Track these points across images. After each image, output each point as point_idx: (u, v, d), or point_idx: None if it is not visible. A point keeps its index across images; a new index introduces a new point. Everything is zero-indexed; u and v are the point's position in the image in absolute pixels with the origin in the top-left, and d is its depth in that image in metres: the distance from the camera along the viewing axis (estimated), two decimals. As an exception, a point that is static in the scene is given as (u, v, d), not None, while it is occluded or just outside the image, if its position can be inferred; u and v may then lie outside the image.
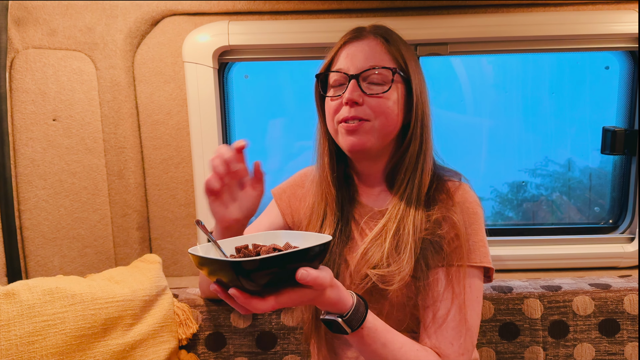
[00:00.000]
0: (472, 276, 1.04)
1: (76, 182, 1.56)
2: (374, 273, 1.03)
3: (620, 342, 1.43)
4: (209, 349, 1.45)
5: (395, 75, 1.05)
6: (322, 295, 0.84)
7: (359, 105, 1.04)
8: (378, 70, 1.04)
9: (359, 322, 0.90)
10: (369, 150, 1.07)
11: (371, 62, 1.05)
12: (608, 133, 1.68)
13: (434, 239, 1.04)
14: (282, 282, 0.78)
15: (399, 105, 1.06)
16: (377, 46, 1.07)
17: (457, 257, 1.03)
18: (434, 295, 1.04)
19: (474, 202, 1.07)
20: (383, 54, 1.06)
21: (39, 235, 1.52)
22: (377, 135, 1.06)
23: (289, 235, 0.94)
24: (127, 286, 1.32)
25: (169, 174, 1.65)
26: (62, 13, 1.51)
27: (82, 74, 1.54)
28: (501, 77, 1.86)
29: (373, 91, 1.04)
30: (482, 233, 1.06)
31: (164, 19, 1.57)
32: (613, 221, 1.78)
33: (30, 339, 1.14)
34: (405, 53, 1.08)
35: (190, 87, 1.56)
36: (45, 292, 1.20)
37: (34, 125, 1.49)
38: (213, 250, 0.89)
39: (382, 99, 1.04)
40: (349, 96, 1.03)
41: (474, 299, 1.03)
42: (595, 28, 1.52)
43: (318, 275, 0.78)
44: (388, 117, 1.05)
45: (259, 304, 0.76)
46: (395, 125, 1.07)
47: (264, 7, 1.54)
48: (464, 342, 1.01)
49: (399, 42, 1.09)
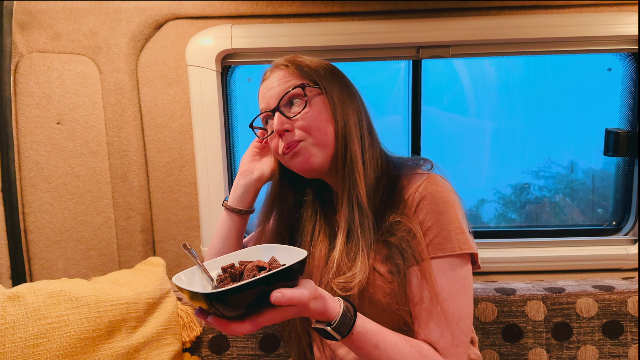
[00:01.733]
0: (453, 266, 1.03)
1: (80, 185, 1.57)
2: (336, 282, 1.05)
3: (624, 344, 1.42)
4: (213, 351, 1.46)
5: (306, 90, 1.08)
6: (307, 308, 0.85)
7: (290, 131, 1.08)
8: (290, 92, 1.08)
9: (347, 328, 0.91)
10: (318, 166, 1.09)
11: (282, 88, 1.09)
12: (611, 135, 1.68)
13: (394, 241, 1.05)
14: (260, 305, 0.79)
15: (323, 115, 1.08)
16: (280, 73, 1.11)
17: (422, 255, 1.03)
18: (413, 292, 1.04)
19: (444, 191, 1.06)
20: (289, 77, 1.10)
21: (43, 238, 1.53)
22: (317, 150, 1.08)
23: (274, 249, 0.95)
24: (131, 289, 1.33)
25: (172, 177, 1.66)
26: (66, 17, 1.52)
27: (86, 78, 1.55)
28: (503, 79, 1.86)
29: (295, 113, 1.08)
30: (457, 220, 1.04)
31: (167, 23, 1.57)
32: (616, 223, 1.78)
33: (35, 342, 1.14)
34: (311, 68, 1.11)
35: (194, 90, 1.57)
36: (50, 295, 1.21)
37: (38, 129, 1.50)
38: (199, 273, 0.91)
39: (305, 117, 1.07)
40: (277, 128, 1.08)
41: (459, 288, 1.02)
42: (597, 30, 1.52)
43: (293, 296, 0.79)
44: (319, 130, 1.07)
45: (239, 328, 0.78)
46: (328, 135, 1.08)
47: (267, 11, 1.54)
48: (455, 332, 1.01)
49: (303, 62, 1.12)
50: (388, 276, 1.05)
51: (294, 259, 0.83)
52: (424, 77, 1.65)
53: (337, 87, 1.11)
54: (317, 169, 1.09)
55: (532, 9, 1.54)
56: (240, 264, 0.91)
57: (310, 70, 1.10)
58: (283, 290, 0.78)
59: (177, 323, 1.39)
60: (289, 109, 1.09)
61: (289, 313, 0.83)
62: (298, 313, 0.85)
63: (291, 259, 0.85)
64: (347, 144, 1.08)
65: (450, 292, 1.02)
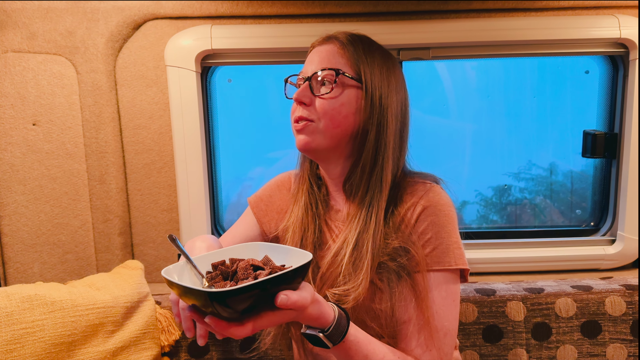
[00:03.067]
0: (447, 280, 1.03)
1: (57, 187, 1.54)
2: (332, 293, 1.03)
3: (602, 344, 1.44)
4: (192, 355, 1.44)
5: (339, 77, 1.04)
6: (304, 312, 0.83)
7: (307, 106, 1.06)
8: (326, 72, 1.05)
9: (340, 336, 0.89)
10: (316, 149, 1.07)
11: (323, 64, 1.06)
12: (588, 136, 1.70)
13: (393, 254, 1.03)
14: (260, 307, 0.76)
15: (349, 108, 1.05)
16: (333, 49, 1.07)
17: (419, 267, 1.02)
18: (404, 305, 1.03)
19: (446, 204, 1.06)
20: (338, 57, 1.06)
21: (18, 242, 1.50)
22: (322, 136, 1.05)
23: (268, 247, 0.92)
24: (109, 292, 1.31)
25: (151, 179, 1.64)
26: (42, 16, 1.50)
27: (63, 78, 1.52)
28: (484, 81, 1.87)
29: (320, 92, 1.05)
30: (455, 235, 1.05)
31: (146, 23, 1.56)
32: (594, 224, 1.80)
33: (8, 347, 1.12)
34: (365, 59, 1.06)
35: (173, 91, 1.55)
36: (24, 299, 1.18)
37: (13, 130, 1.48)
38: (187, 268, 0.87)
39: (327, 101, 1.04)
40: (296, 96, 1.06)
41: (450, 302, 1.02)
42: (576, 33, 1.54)
43: (298, 299, 0.77)
44: (333, 118, 1.04)
45: (237, 330, 0.74)
46: (343, 128, 1.05)
47: (247, 11, 1.53)
48: (441, 347, 1.01)
49: (361, 48, 1.07)
50: (380, 285, 1.04)
51: (293, 260, 0.80)
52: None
53: (386, 89, 1.07)
54: (314, 151, 1.08)
55: (511, 12, 1.56)
56: (231, 261, 0.88)
57: (358, 61, 1.06)
58: (288, 293, 0.76)
59: (156, 327, 1.37)
60: (318, 86, 1.06)
61: (287, 317, 0.80)
62: (295, 317, 0.82)
63: (289, 260, 0.82)
64: (378, 145, 1.06)
65: (441, 306, 1.02)
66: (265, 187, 1.32)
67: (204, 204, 1.62)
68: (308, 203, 1.17)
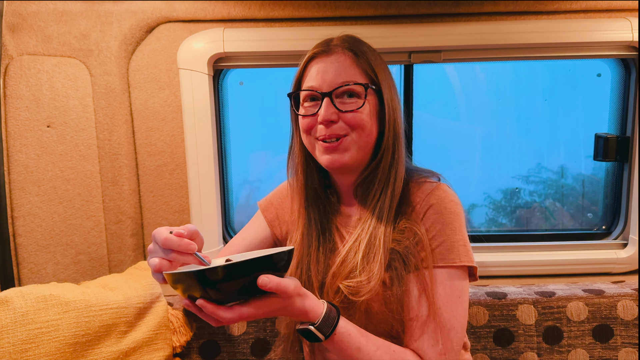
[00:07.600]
0: (452, 277, 1.03)
1: (70, 188, 1.56)
2: (345, 285, 1.04)
3: (614, 348, 1.43)
4: (203, 356, 1.44)
5: (368, 90, 1.05)
6: (291, 304, 0.86)
7: (335, 123, 1.04)
8: (350, 86, 1.04)
9: (330, 328, 0.92)
10: (349, 164, 1.07)
11: (343, 78, 1.04)
12: (600, 140, 1.70)
13: (402, 250, 1.05)
14: (247, 292, 0.81)
15: (372, 117, 1.07)
16: (346, 61, 1.06)
17: (425, 262, 1.03)
18: (409, 300, 1.04)
19: (452, 202, 1.07)
20: (353, 69, 1.05)
21: (32, 242, 1.51)
22: (356, 149, 1.06)
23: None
24: (121, 293, 1.32)
25: (163, 181, 1.65)
26: (57, 20, 1.51)
27: (77, 81, 1.54)
28: (494, 84, 1.87)
29: (348, 107, 1.04)
30: (461, 232, 1.05)
31: (159, 26, 1.57)
32: (606, 227, 1.79)
33: (23, 347, 1.13)
34: (375, 64, 1.07)
35: (185, 94, 1.56)
36: (39, 299, 1.19)
37: (28, 132, 1.49)
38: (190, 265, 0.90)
39: (357, 113, 1.04)
40: (324, 116, 1.03)
41: (455, 299, 1.03)
42: (588, 36, 1.54)
43: (279, 282, 0.80)
44: (364, 129, 1.05)
45: (225, 314, 0.79)
46: (371, 137, 1.07)
47: (259, 14, 1.54)
48: (445, 342, 1.01)
49: (368, 54, 1.08)
50: (387, 282, 1.05)
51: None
52: (415, 82, 1.66)
53: (391, 88, 1.10)
54: (346, 167, 1.07)
55: (523, 15, 1.55)
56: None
57: (373, 69, 1.07)
58: (270, 276, 0.80)
59: (168, 328, 1.38)
60: (342, 100, 1.05)
61: (274, 306, 0.84)
62: (282, 309, 0.86)
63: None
64: (395, 147, 1.08)
65: (445, 301, 1.02)
66: (276, 191, 1.32)
67: (215, 205, 1.63)
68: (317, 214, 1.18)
